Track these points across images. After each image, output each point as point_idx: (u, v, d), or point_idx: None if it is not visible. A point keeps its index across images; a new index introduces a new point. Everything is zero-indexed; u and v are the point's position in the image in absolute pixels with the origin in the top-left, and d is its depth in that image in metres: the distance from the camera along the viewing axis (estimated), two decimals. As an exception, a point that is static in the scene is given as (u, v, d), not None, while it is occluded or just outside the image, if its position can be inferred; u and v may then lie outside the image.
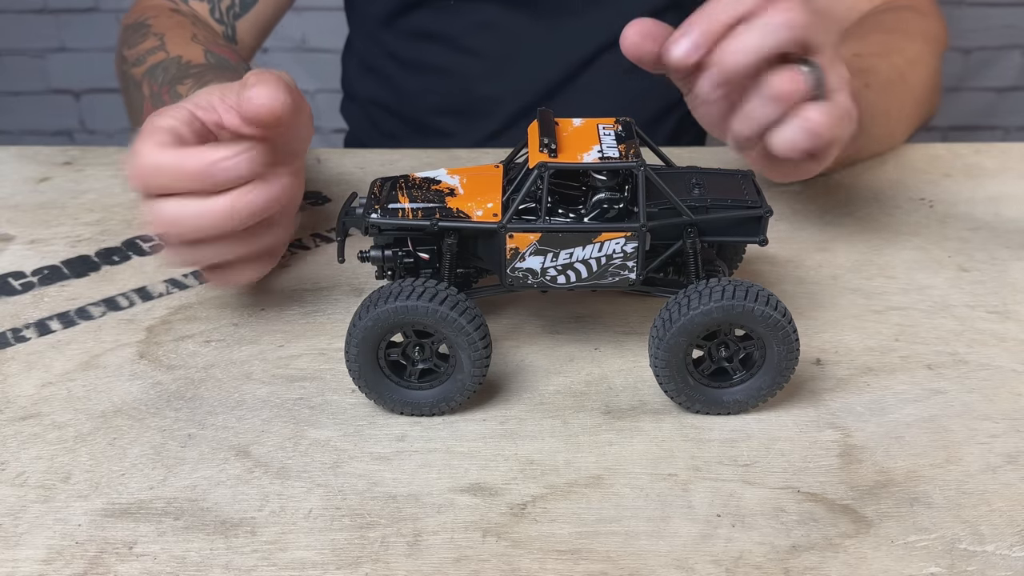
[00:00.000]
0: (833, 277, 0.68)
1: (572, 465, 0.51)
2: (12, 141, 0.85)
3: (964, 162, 0.85)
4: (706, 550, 0.46)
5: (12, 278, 0.67)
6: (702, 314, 0.51)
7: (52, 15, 1.90)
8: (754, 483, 0.50)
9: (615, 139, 0.55)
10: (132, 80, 0.81)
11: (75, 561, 0.45)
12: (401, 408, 0.54)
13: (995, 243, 0.72)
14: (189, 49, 0.78)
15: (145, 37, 0.82)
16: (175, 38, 0.80)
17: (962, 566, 0.45)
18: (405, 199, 0.56)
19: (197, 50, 0.78)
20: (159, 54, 0.79)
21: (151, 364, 0.59)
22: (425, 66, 0.99)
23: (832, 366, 0.59)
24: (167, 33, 0.81)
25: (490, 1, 0.94)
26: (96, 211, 0.76)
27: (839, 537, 0.47)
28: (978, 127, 1.96)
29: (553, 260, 0.54)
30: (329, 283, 0.67)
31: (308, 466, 0.51)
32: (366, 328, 0.51)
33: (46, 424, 0.54)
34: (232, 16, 0.89)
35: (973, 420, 0.54)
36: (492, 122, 0.98)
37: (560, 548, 0.46)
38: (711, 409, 0.54)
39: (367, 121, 1.07)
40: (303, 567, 0.45)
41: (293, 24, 1.83)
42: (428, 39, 0.97)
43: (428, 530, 0.47)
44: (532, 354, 0.60)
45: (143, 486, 0.50)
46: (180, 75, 0.75)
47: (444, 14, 0.96)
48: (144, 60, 0.79)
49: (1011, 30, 1.87)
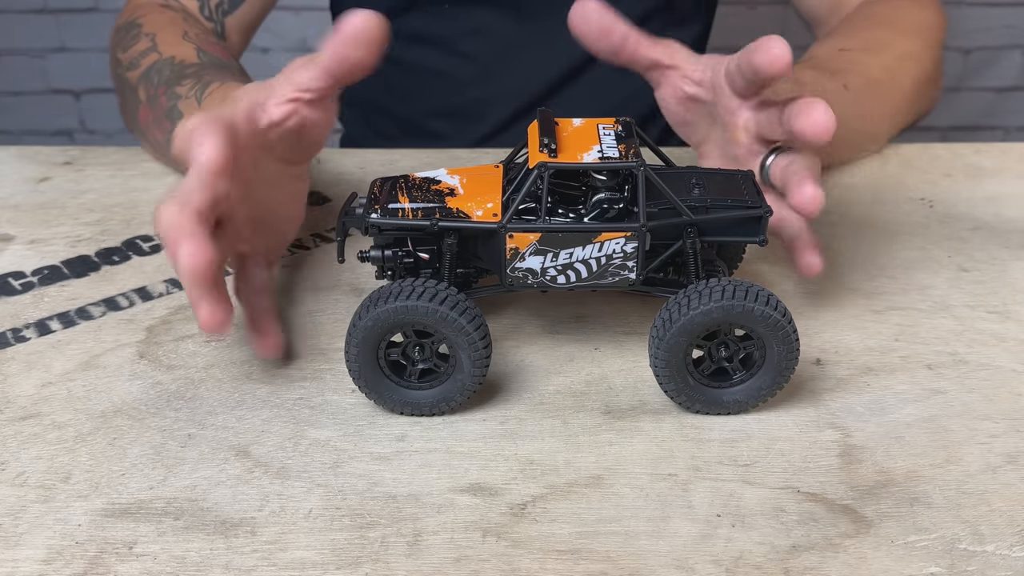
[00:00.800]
0: (833, 277, 0.68)
1: (572, 465, 0.51)
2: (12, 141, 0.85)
3: (964, 162, 0.85)
4: (706, 550, 0.46)
5: (12, 278, 0.67)
6: (702, 314, 0.51)
7: (52, 15, 1.90)
8: (754, 483, 0.50)
9: (615, 139, 0.55)
10: (127, 84, 0.80)
11: (75, 561, 0.45)
12: (401, 408, 0.54)
13: (995, 243, 0.72)
14: (181, 48, 0.78)
15: (137, 38, 0.81)
16: (167, 37, 0.80)
17: (962, 566, 0.45)
18: (405, 199, 0.56)
19: (189, 49, 0.78)
20: (152, 56, 0.78)
21: (151, 364, 0.59)
22: (419, 69, 0.99)
23: (832, 366, 0.59)
24: (158, 33, 0.81)
25: (483, 5, 0.94)
26: (96, 211, 0.76)
27: (839, 537, 0.47)
28: (978, 127, 1.96)
29: (553, 260, 0.54)
30: (329, 283, 0.67)
31: (308, 466, 0.51)
32: (366, 328, 0.51)
33: (46, 424, 0.54)
34: (221, 13, 0.89)
35: (973, 420, 0.54)
36: (485, 125, 0.98)
37: (560, 548, 0.46)
38: (711, 409, 0.54)
39: (362, 123, 1.07)
40: (303, 567, 0.45)
41: (293, 24, 1.83)
42: (421, 42, 0.98)
43: (428, 530, 0.47)
44: (532, 354, 0.60)
45: (143, 486, 0.50)
46: (176, 76, 0.75)
47: (437, 18, 0.96)
48: (138, 64, 0.79)
49: (1011, 30, 1.87)
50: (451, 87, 0.98)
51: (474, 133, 0.99)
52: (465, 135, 0.99)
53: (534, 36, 0.95)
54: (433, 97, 1.00)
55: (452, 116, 1.00)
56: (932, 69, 0.87)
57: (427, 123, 1.01)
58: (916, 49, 0.85)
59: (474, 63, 0.97)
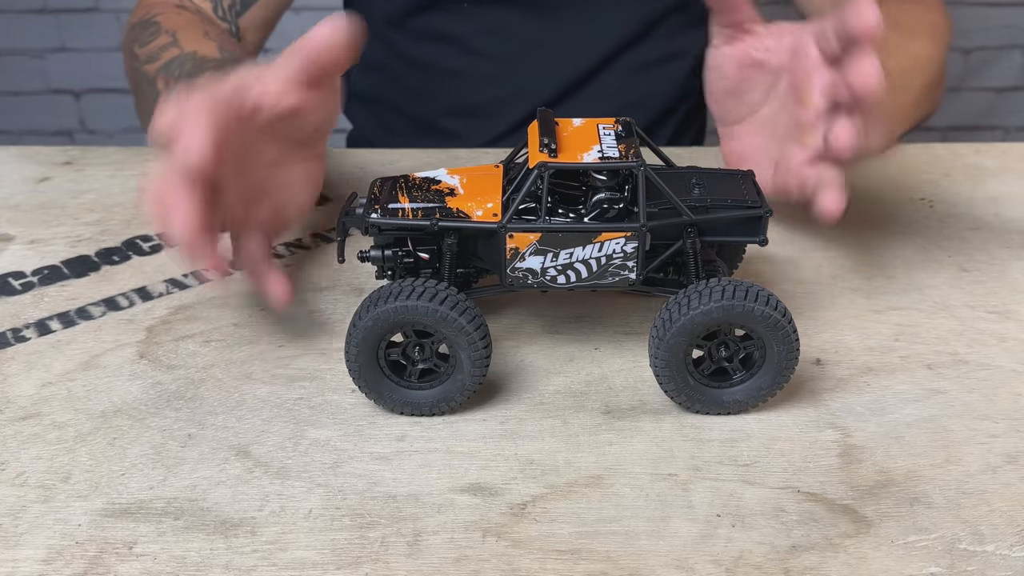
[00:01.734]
0: (833, 277, 0.68)
1: (572, 465, 0.51)
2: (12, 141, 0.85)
3: (964, 162, 0.85)
4: (706, 550, 0.46)
5: (12, 278, 0.67)
6: (702, 314, 0.51)
7: (52, 15, 1.90)
8: (754, 483, 0.50)
9: (615, 139, 0.55)
10: (145, 77, 0.80)
11: (75, 561, 0.45)
12: (401, 408, 0.54)
13: (995, 243, 0.72)
14: (203, 45, 0.78)
15: (156, 34, 0.82)
16: (188, 35, 0.80)
17: (962, 566, 0.45)
18: (405, 199, 0.56)
19: (211, 46, 0.78)
20: (173, 50, 0.78)
21: (151, 364, 0.59)
22: (435, 67, 0.99)
23: (832, 366, 0.59)
24: (179, 30, 0.81)
25: (501, 4, 0.94)
26: (96, 211, 0.76)
27: (839, 537, 0.47)
28: (978, 127, 1.96)
29: (553, 260, 0.54)
30: (329, 283, 0.67)
31: (308, 466, 0.51)
32: (366, 328, 0.51)
33: (46, 424, 0.54)
34: (234, 14, 0.89)
35: (973, 420, 0.54)
36: (500, 124, 0.98)
37: (560, 548, 0.46)
38: (711, 409, 0.54)
39: (373, 120, 1.07)
40: (303, 567, 0.45)
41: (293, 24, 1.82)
42: (439, 40, 0.98)
43: (428, 530, 0.47)
44: (532, 354, 0.60)
45: (143, 486, 0.50)
46: (197, 69, 0.75)
47: (456, 16, 0.96)
48: (158, 56, 0.79)
49: (1011, 30, 1.87)
50: (468, 86, 0.99)
51: (489, 132, 0.99)
52: (480, 134, 0.99)
53: (552, 35, 0.95)
54: (449, 96, 1.00)
55: (468, 115, 1.00)
56: (939, 73, 0.87)
57: (442, 122, 1.01)
58: (926, 52, 0.85)
59: (491, 62, 0.97)
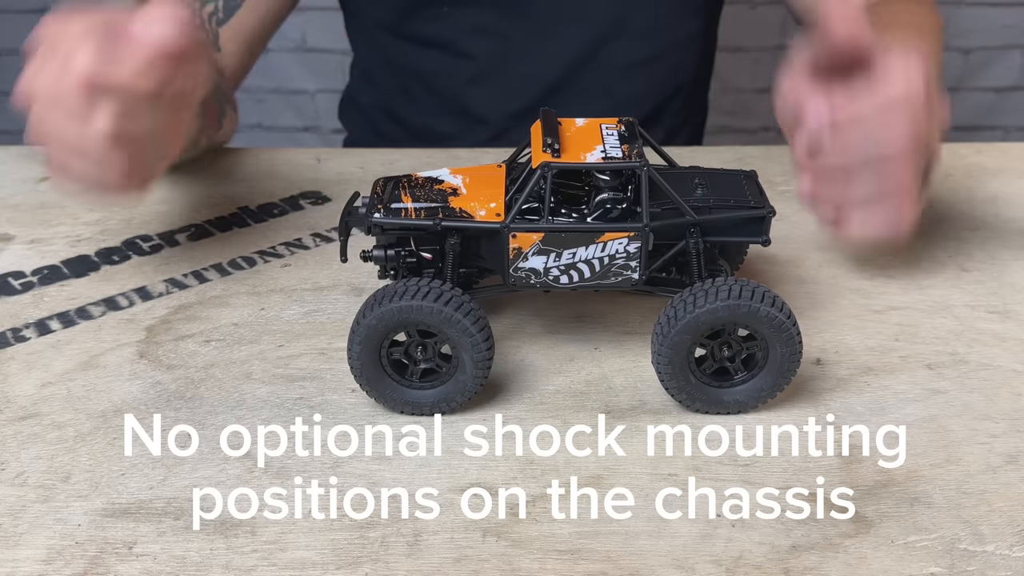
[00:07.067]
0: (833, 277, 0.68)
1: (572, 465, 0.51)
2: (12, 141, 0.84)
3: (964, 162, 0.85)
4: (706, 550, 0.46)
5: (12, 278, 0.67)
6: (708, 312, 0.51)
7: (52, 15, 1.90)
8: (754, 483, 0.50)
9: (618, 139, 0.55)
10: None
11: (75, 561, 0.45)
12: (402, 407, 0.54)
13: (995, 243, 0.72)
14: None
15: None
16: None
17: (962, 566, 0.45)
18: (408, 199, 0.56)
19: None
20: None
21: (151, 364, 0.59)
22: (421, 71, 0.99)
23: (832, 366, 0.59)
24: None
25: (483, 7, 0.94)
26: (96, 211, 0.75)
27: (839, 537, 0.47)
28: (978, 127, 1.96)
29: (556, 260, 0.54)
30: (329, 283, 0.67)
31: (308, 466, 0.51)
32: (369, 327, 0.51)
33: (46, 424, 0.54)
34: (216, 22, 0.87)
35: (973, 420, 0.54)
36: (489, 126, 0.99)
37: (560, 548, 0.46)
38: (711, 408, 0.54)
39: (367, 126, 1.07)
40: (303, 567, 0.45)
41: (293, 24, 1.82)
42: (424, 45, 0.98)
43: (428, 530, 0.47)
44: (532, 354, 0.60)
45: (143, 486, 0.50)
46: None
47: (438, 20, 0.96)
48: None
49: (1011, 30, 1.87)
50: (454, 89, 0.99)
51: (479, 134, 0.99)
52: (469, 137, 0.99)
53: (531, 33, 0.95)
54: (436, 99, 1.00)
55: (456, 118, 1.00)
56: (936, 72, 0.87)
57: (432, 126, 1.01)
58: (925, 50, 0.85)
59: (476, 64, 0.97)
